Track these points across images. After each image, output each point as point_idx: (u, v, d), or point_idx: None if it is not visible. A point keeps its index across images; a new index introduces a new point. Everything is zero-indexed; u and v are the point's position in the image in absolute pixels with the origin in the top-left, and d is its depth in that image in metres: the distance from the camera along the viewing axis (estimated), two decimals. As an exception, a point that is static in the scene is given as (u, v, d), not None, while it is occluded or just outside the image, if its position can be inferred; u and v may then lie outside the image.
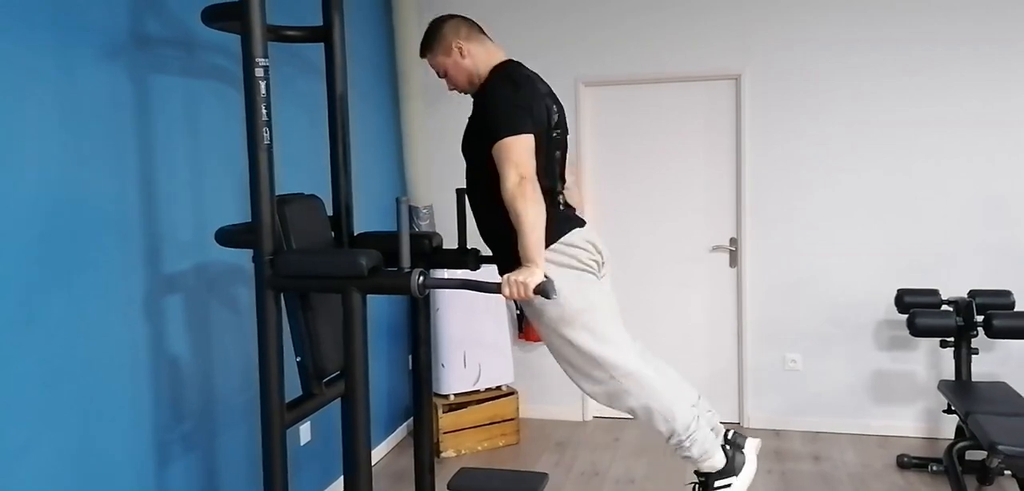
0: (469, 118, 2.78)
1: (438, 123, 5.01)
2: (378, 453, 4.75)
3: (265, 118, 2.37)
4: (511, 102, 2.61)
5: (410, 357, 5.20)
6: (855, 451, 4.68)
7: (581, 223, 2.76)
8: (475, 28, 2.84)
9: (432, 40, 2.82)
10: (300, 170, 3.56)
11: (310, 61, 3.76)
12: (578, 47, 5.10)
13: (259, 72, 2.34)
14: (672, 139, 5.11)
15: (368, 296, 2.39)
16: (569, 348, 2.69)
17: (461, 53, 2.77)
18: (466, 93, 2.87)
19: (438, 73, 2.86)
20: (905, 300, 4.43)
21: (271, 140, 2.40)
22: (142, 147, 2.87)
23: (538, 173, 2.55)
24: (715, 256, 5.14)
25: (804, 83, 4.82)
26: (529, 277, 2.36)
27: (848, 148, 4.80)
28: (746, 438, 2.91)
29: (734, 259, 5.09)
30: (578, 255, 2.68)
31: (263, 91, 2.35)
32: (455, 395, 4.86)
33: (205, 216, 3.13)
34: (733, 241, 5.08)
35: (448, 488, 2.96)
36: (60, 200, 2.53)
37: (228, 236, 2.62)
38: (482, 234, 2.82)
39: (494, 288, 2.39)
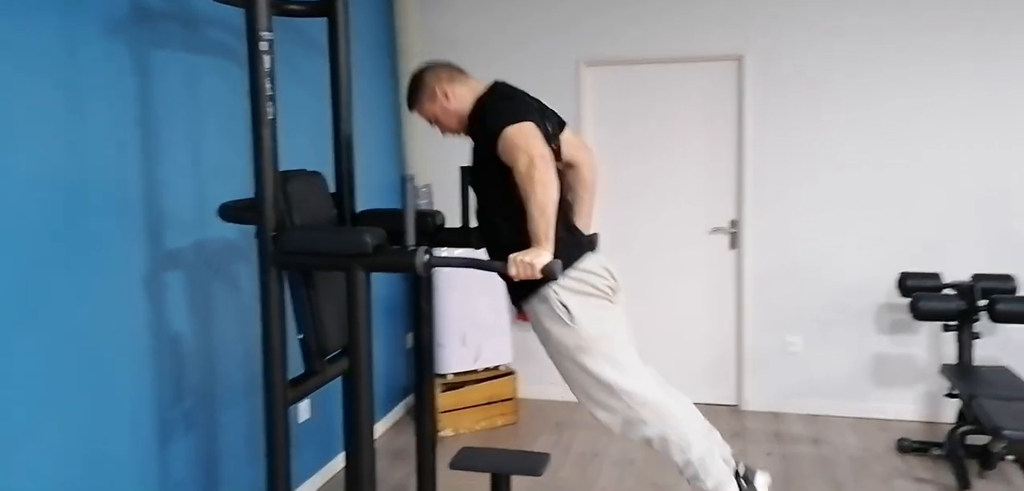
0: (472, 152, 2.77)
1: (438, 102, 4.97)
2: (376, 431, 4.73)
3: (269, 93, 2.34)
4: (506, 104, 2.63)
5: (409, 335, 5.19)
6: (855, 434, 4.68)
7: (593, 247, 2.73)
8: (456, 70, 2.85)
9: (416, 92, 2.84)
10: (300, 147, 3.52)
11: (309, 36, 3.71)
12: (580, 27, 5.06)
13: (263, 46, 2.30)
14: (673, 121, 5.08)
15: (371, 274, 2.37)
16: (585, 377, 2.66)
17: (446, 97, 2.78)
18: (459, 134, 2.86)
19: (429, 121, 2.87)
20: (907, 283, 4.42)
21: (275, 115, 2.36)
22: (143, 124, 2.83)
23: None
24: (715, 238, 5.12)
25: (807, 66, 4.79)
26: (536, 257, 2.33)
27: (850, 132, 4.78)
28: (756, 471, 2.88)
29: (734, 241, 5.07)
30: (594, 282, 2.66)
31: (267, 65, 2.32)
32: (453, 375, 4.84)
33: (206, 193, 3.09)
34: (733, 223, 5.06)
35: (450, 467, 2.94)
36: (61, 178, 2.50)
37: (231, 211, 2.59)
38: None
39: (500, 268, 2.36)
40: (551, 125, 2.76)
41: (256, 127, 2.33)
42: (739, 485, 2.78)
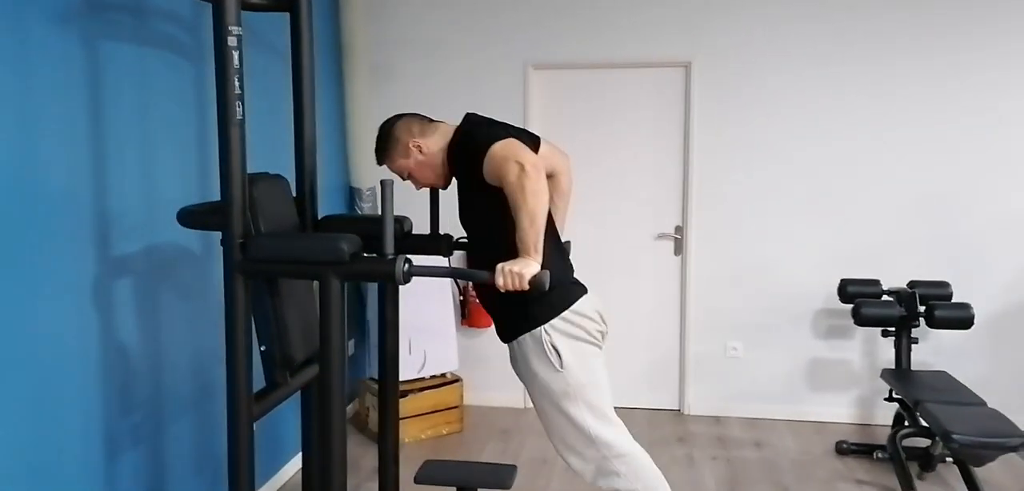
0: (458, 193, 2.68)
1: (385, 103, 4.85)
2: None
3: (238, 91, 2.21)
4: (485, 130, 2.55)
5: (350, 342, 5.05)
6: (794, 437, 4.78)
7: (585, 289, 2.67)
8: (425, 120, 2.75)
9: (386, 146, 2.73)
10: (255, 150, 3.37)
11: (262, 35, 3.57)
12: (528, 30, 5.03)
13: (232, 41, 2.17)
14: (621, 126, 5.09)
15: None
16: (566, 423, 2.60)
17: (420, 150, 2.68)
18: (437, 185, 2.77)
19: (401, 177, 2.75)
20: (848, 290, 4.53)
21: (243, 115, 2.24)
22: (93, 120, 2.65)
23: None
24: (660, 244, 5.15)
25: (753, 73, 4.87)
26: (525, 267, 2.26)
27: (794, 139, 4.88)
28: None
29: (679, 247, 5.12)
30: (587, 326, 2.61)
31: (236, 62, 2.19)
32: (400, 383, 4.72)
33: (156, 195, 2.92)
34: (678, 229, 5.10)
35: (416, 481, 2.86)
36: (7, 176, 2.32)
37: (193, 217, 2.44)
38: (486, 306, 2.72)
39: (486, 278, 2.29)
40: (530, 143, 2.69)
41: (224, 128, 2.20)
42: None
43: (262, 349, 2.53)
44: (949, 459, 4.05)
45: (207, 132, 3.20)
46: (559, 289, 2.50)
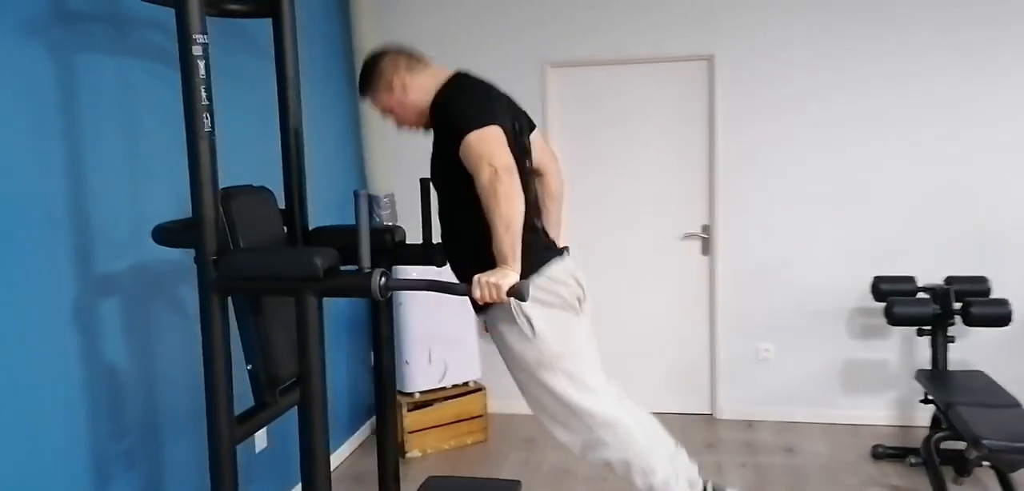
0: (433, 146, 2.54)
1: (398, 107, 4.76)
2: (339, 456, 4.53)
3: (205, 102, 2.14)
4: (471, 101, 2.41)
5: (372, 353, 4.98)
6: (827, 442, 4.58)
7: (560, 253, 2.54)
8: (416, 58, 2.60)
9: (370, 79, 2.57)
10: (250, 160, 3.31)
11: (257, 39, 3.50)
12: (545, 27, 4.89)
13: (197, 51, 2.10)
14: (642, 123, 4.93)
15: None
16: (546, 394, 2.48)
17: (405, 89, 2.52)
18: (417, 128, 2.63)
19: (382, 113, 2.60)
20: (881, 288, 4.33)
21: (213, 126, 2.16)
22: (69, 134, 2.57)
23: None
24: (686, 244, 4.99)
25: (779, 65, 4.68)
26: (502, 278, 2.15)
27: (823, 133, 4.67)
28: (726, 488, 2.74)
29: (706, 247, 4.95)
30: (559, 291, 2.47)
31: (202, 72, 2.12)
32: (420, 393, 4.64)
33: (144, 210, 2.85)
34: (705, 228, 4.94)
35: (415, 500, 2.77)
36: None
37: (166, 234, 2.38)
38: (455, 272, 2.59)
39: (463, 290, 2.18)
40: (520, 123, 2.57)
41: (192, 140, 2.13)
42: None
43: (248, 368, 2.46)
44: (987, 463, 3.83)
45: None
46: (528, 255, 2.34)
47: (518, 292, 2.13)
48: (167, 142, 3.00)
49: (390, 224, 4.03)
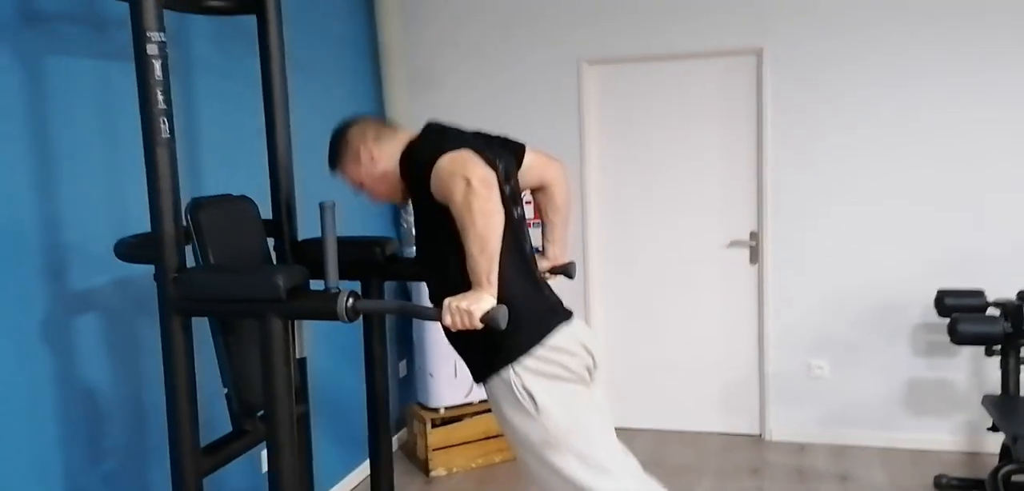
0: (413, 213, 2.34)
1: (426, 110, 4.54)
2: (359, 475, 4.31)
3: (163, 106, 1.94)
4: (438, 135, 2.20)
5: (402, 363, 4.77)
6: (885, 469, 4.21)
7: (567, 316, 2.27)
8: (385, 126, 2.40)
9: (337, 150, 2.36)
10: (251, 168, 3.12)
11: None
12: (582, 22, 4.63)
13: (152, 49, 1.91)
14: (684, 122, 4.64)
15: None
16: (556, 479, 2.18)
17: (372, 160, 2.29)
18: (393, 201, 2.43)
19: (354, 188, 2.39)
20: (946, 302, 3.94)
21: (171, 133, 1.97)
22: (38, 143, 2.42)
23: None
24: (733, 252, 4.67)
25: (832, 59, 4.33)
26: (475, 302, 1.90)
27: (882, 131, 4.31)
28: None
29: (755, 255, 4.62)
30: (564, 362, 2.19)
31: (158, 73, 1.92)
32: (446, 408, 4.43)
33: (126, 222, 2.67)
34: (753, 235, 4.61)
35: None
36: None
37: (128, 249, 2.20)
38: (450, 342, 2.34)
39: (434, 315, 1.94)
40: (503, 162, 2.29)
41: (148, 148, 1.94)
42: None
43: (225, 392, 2.27)
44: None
45: (189, 150, 2.96)
46: (529, 320, 2.11)
47: (492, 318, 1.88)
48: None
49: (381, 236, 3.77)
